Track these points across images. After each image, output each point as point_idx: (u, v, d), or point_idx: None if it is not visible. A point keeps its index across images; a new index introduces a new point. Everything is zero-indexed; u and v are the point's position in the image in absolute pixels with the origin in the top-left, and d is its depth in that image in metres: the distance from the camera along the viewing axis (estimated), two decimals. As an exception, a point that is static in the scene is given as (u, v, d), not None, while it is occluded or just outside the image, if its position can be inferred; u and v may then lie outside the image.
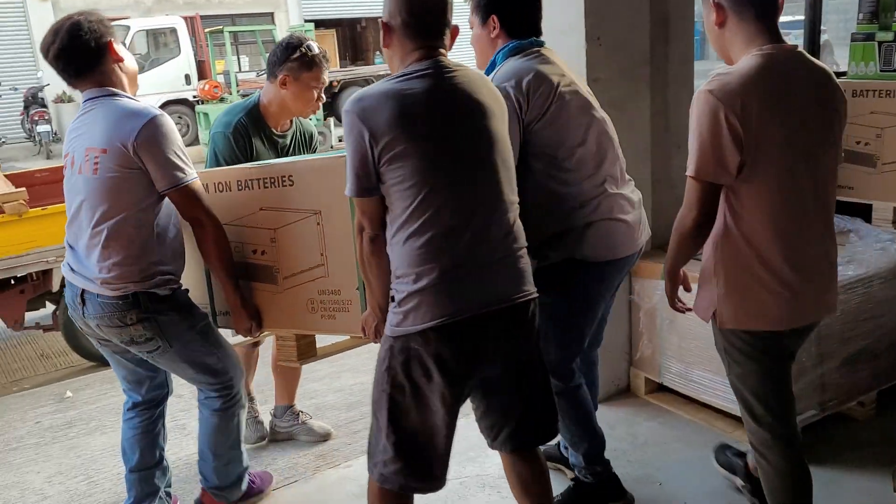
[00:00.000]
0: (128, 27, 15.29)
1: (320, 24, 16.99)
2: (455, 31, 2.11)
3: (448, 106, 2.01)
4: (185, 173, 2.42)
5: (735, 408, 3.10)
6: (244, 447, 2.91)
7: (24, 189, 4.77)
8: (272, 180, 2.53)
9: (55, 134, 15.51)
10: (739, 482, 2.76)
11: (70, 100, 16.54)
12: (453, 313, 1.97)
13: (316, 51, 2.97)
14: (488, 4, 2.48)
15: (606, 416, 3.46)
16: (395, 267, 2.03)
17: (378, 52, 20.34)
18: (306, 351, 2.72)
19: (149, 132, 2.36)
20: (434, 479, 2.15)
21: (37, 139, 14.83)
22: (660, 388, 3.56)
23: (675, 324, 3.32)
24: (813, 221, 2.10)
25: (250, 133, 3.00)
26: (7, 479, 3.45)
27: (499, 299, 2.03)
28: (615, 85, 3.32)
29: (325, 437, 3.53)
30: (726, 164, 1.98)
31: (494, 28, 2.49)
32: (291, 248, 2.53)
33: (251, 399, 3.51)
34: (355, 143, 1.98)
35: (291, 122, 3.19)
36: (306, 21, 17.97)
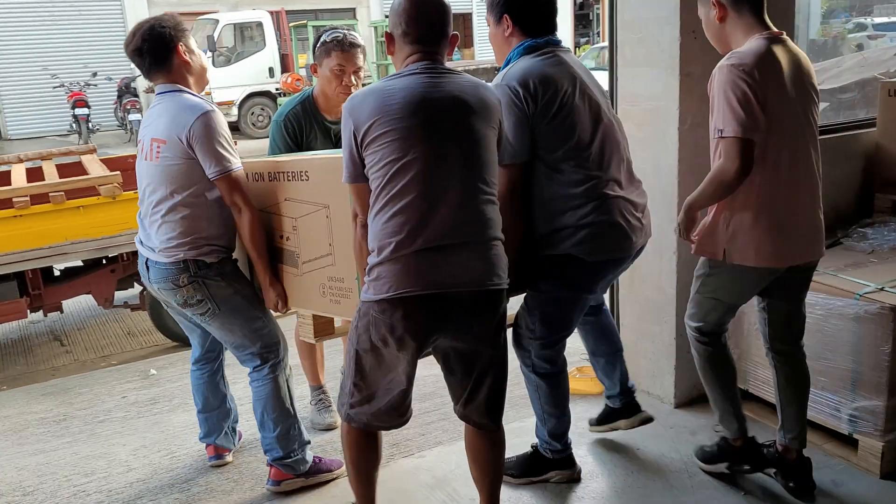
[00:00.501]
0: (216, 21, 15.74)
1: (402, 19, 17.10)
2: (454, 39, 2.35)
3: (427, 100, 2.19)
4: (229, 163, 2.72)
5: (827, 420, 3.02)
6: (302, 423, 3.08)
7: (118, 173, 4.96)
8: (293, 174, 2.77)
9: (145, 122, 16.10)
10: (772, 471, 2.90)
11: (160, 90, 17.15)
12: (407, 288, 2.16)
13: (337, 37, 3.12)
14: (501, 4, 2.58)
15: (687, 422, 3.38)
16: (369, 242, 2.25)
17: (456, 49, 20.39)
18: (322, 329, 2.96)
19: (200, 126, 2.67)
20: (395, 418, 2.43)
21: (128, 127, 15.40)
22: (744, 395, 3.43)
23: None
24: (806, 177, 2.53)
25: (302, 121, 3.22)
26: (95, 449, 3.58)
27: (458, 283, 2.19)
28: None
29: (328, 428, 3.58)
30: (758, 122, 2.38)
31: (508, 27, 2.59)
32: (308, 236, 2.77)
33: (322, 388, 3.69)
34: (346, 135, 2.26)
35: None
36: (387, 17, 18.15)
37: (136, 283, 5.35)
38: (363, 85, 2.86)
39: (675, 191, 3.28)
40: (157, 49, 2.75)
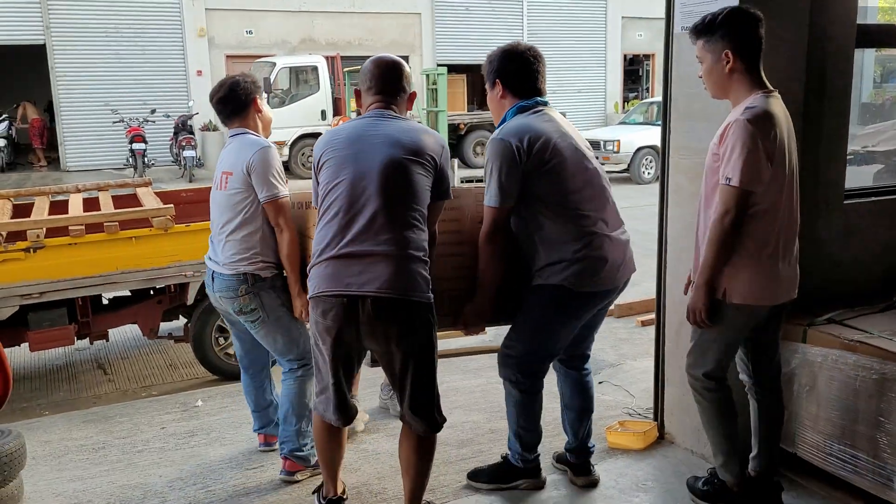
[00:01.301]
0: (274, 63, 16.18)
1: (452, 68, 17.41)
2: (413, 96, 2.86)
3: (363, 136, 2.67)
4: (277, 190, 3.20)
5: (883, 490, 2.88)
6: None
7: (171, 206, 5.07)
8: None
9: (199, 159, 16.50)
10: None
11: (215, 129, 17.60)
12: (325, 288, 2.60)
13: None
14: (494, 71, 2.99)
15: (732, 484, 3.26)
16: None
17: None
18: None
19: (258, 158, 3.20)
20: (339, 416, 2.78)
21: (182, 163, 15.79)
22: (792, 459, 3.31)
23: (815, 391, 3.11)
24: (791, 222, 2.76)
25: None
26: (132, 479, 3.60)
27: (365, 288, 2.54)
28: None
29: None
30: (762, 177, 2.59)
31: (500, 90, 2.99)
32: None
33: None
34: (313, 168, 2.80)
35: None
36: (439, 65, 18.46)
37: (181, 315, 5.42)
38: None
39: (725, 246, 3.22)
40: (238, 101, 3.31)
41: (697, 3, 3.23)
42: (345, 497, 3.11)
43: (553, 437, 3.57)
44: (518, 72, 2.97)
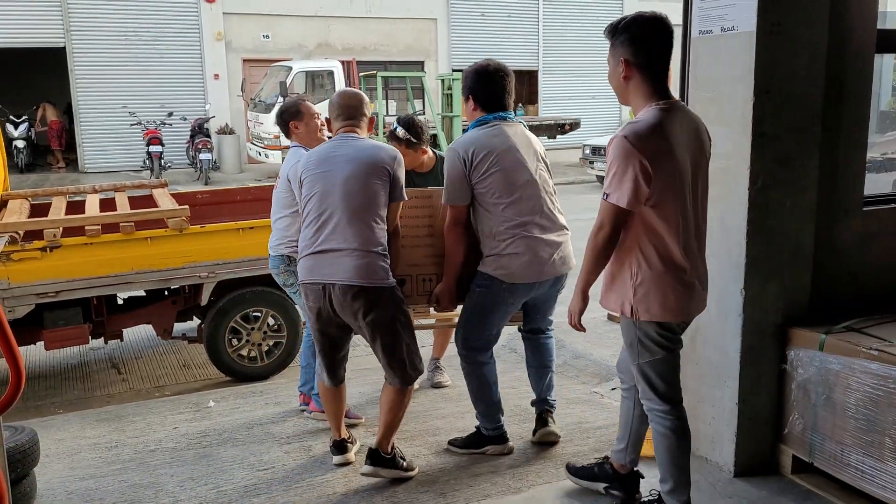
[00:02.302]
0: (290, 68, 16.24)
1: (468, 73, 17.41)
2: (372, 120, 3.54)
3: (330, 156, 3.33)
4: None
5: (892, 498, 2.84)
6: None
7: (186, 207, 5.09)
8: None
9: (215, 162, 16.58)
10: (602, 485, 3.21)
11: (231, 132, 17.70)
12: (305, 278, 3.32)
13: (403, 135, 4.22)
14: (467, 87, 3.48)
15: (747, 493, 3.24)
16: None
17: (520, 105, 20.60)
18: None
19: (294, 167, 3.70)
20: (328, 377, 3.51)
21: (198, 166, 15.86)
22: (808, 469, 3.28)
23: (832, 400, 3.07)
24: (698, 236, 2.74)
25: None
26: (144, 478, 3.60)
27: (334, 277, 3.22)
28: (782, 141, 3.17)
29: (437, 386, 4.63)
30: (639, 196, 2.56)
31: (472, 104, 3.47)
32: None
33: (437, 359, 4.74)
34: None
35: (433, 162, 4.36)
36: (454, 70, 18.48)
37: (194, 316, 5.44)
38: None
39: (742, 251, 3.19)
40: (282, 123, 4.15)
41: (715, 6, 3.21)
42: (349, 440, 3.69)
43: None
44: (485, 89, 3.43)
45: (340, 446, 3.64)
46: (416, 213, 3.62)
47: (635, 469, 3.17)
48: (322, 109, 4.19)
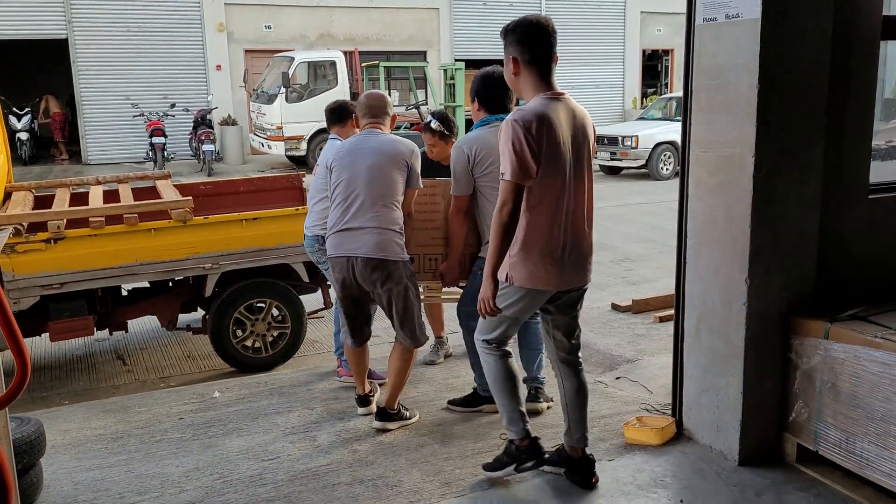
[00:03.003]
0: (292, 59, 16.20)
1: (470, 64, 17.36)
2: (394, 118, 4.05)
3: (356, 148, 3.85)
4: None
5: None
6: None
7: (189, 198, 5.08)
8: None
9: (218, 153, 16.56)
10: (562, 470, 3.35)
11: (234, 123, 17.68)
12: (331, 254, 3.82)
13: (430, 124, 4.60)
14: (473, 90, 3.86)
15: (752, 481, 3.24)
16: None
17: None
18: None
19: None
20: (352, 340, 4.01)
21: (201, 157, 15.85)
22: (813, 457, 3.28)
23: (837, 388, 3.07)
24: (577, 215, 3.02)
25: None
26: (150, 468, 3.62)
27: (357, 252, 3.70)
28: (786, 129, 3.16)
29: (430, 363, 4.90)
30: (529, 171, 2.87)
31: (477, 105, 3.86)
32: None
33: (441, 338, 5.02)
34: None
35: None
36: (457, 60, 18.42)
37: (199, 307, 5.45)
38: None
39: (746, 240, 3.19)
40: (335, 115, 4.69)
41: (720, -7, 3.18)
42: (371, 395, 4.17)
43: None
44: (488, 93, 3.80)
45: (364, 400, 4.14)
46: (425, 201, 4.06)
47: (587, 453, 3.31)
48: (324, 102, 4.32)
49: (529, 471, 3.31)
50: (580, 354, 3.29)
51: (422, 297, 4.08)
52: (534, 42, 2.96)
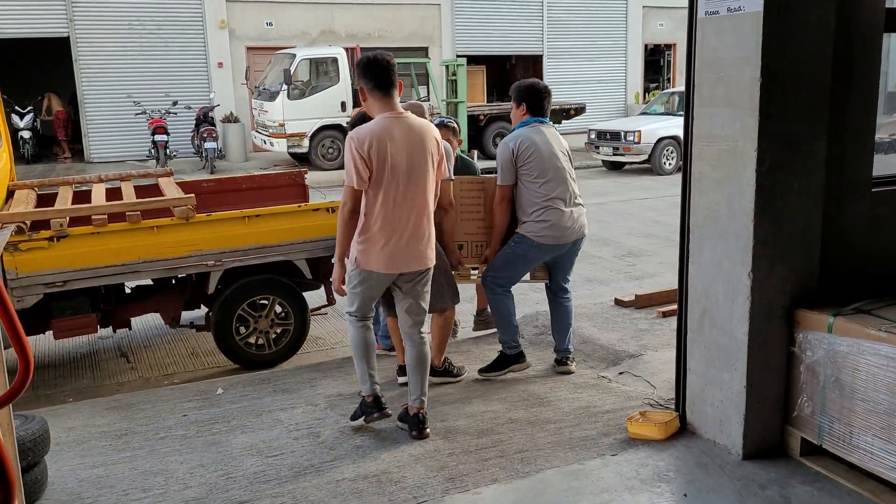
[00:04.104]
0: (294, 55, 16.18)
1: (472, 59, 17.34)
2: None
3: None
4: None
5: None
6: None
7: (192, 195, 5.08)
8: None
9: (220, 151, 16.56)
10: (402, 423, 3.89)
11: (236, 120, 17.66)
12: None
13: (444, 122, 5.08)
14: (520, 97, 4.51)
15: (756, 475, 3.24)
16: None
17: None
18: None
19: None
20: (388, 309, 4.18)
21: (203, 154, 15.83)
22: (817, 451, 3.28)
23: (841, 382, 3.07)
24: (410, 213, 3.62)
25: None
26: (154, 465, 3.62)
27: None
28: (789, 123, 3.15)
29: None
30: (363, 178, 3.54)
31: (523, 110, 4.50)
32: None
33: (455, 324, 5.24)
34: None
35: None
36: (458, 56, 18.39)
37: (202, 305, 5.46)
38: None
39: (749, 234, 3.18)
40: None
41: (722, -13, 3.17)
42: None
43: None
44: (534, 100, 4.49)
45: (403, 370, 4.28)
46: (471, 195, 4.62)
47: (421, 412, 3.82)
48: (326, 99, 4.27)
49: (376, 420, 3.88)
50: (422, 330, 3.84)
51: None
52: (370, 75, 3.60)
